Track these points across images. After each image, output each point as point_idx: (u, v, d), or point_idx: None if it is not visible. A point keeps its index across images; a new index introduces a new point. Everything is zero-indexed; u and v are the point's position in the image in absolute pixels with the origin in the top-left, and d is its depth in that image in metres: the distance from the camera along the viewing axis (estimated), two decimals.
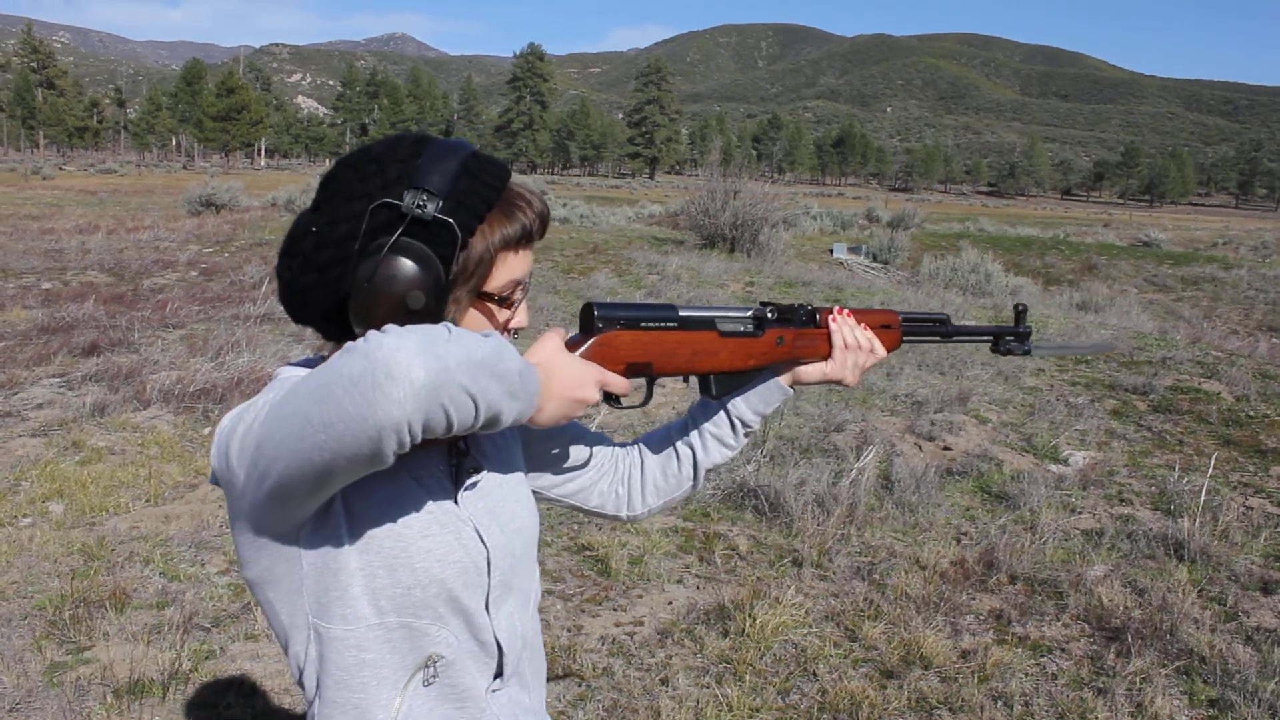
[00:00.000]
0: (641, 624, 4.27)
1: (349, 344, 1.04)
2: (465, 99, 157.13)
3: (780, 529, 5.36)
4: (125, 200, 32.51)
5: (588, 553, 4.95)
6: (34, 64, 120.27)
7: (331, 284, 1.23)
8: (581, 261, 17.00)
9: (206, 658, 3.80)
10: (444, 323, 1.09)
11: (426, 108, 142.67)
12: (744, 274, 16.20)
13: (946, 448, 6.86)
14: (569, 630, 4.17)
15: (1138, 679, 3.91)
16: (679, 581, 4.72)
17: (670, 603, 4.49)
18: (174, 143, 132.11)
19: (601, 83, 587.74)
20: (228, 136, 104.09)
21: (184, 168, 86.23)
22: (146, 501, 5.40)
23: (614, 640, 4.11)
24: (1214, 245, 41.02)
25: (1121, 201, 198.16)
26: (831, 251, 26.54)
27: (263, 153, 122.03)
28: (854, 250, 26.60)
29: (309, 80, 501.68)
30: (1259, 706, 3.66)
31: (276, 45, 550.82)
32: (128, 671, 3.61)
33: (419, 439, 1.03)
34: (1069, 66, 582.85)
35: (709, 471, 1.70)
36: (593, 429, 1.76)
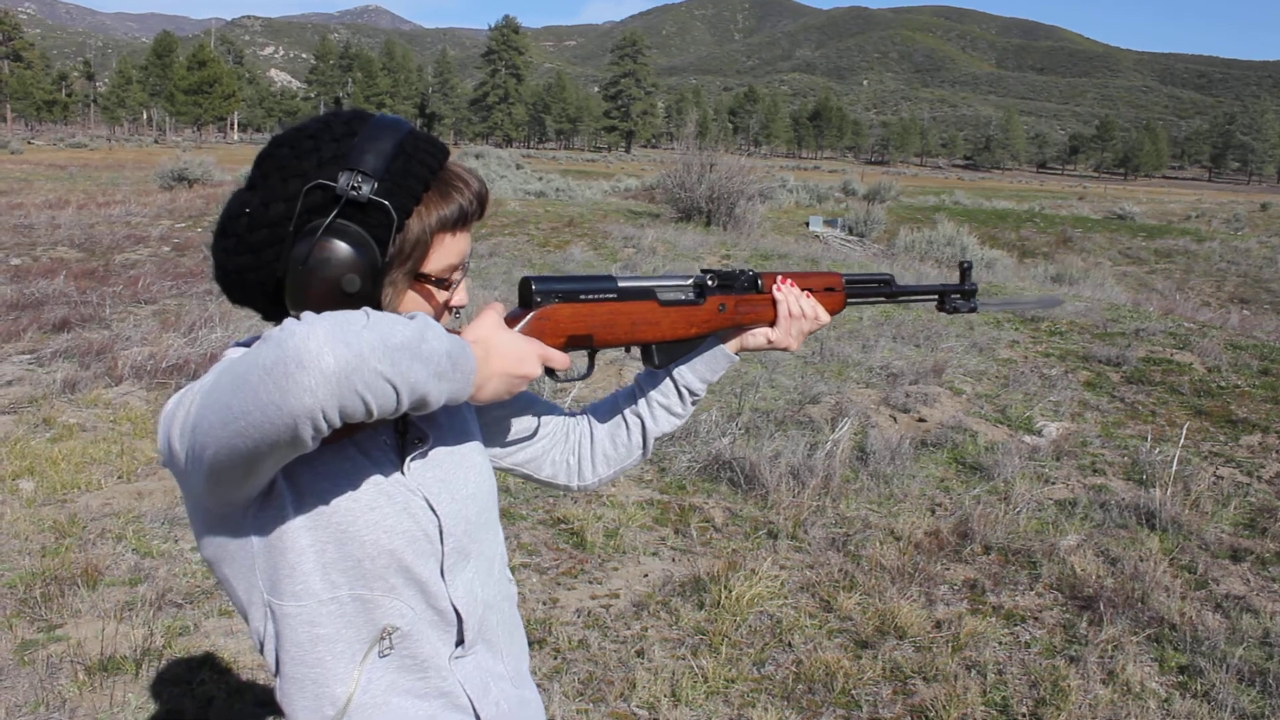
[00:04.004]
0: (617, 596, 4.28)
1: (266, 332, 1.04)
2: (440, 72, 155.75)
3: (756, 501, 5.37)
4: (96, 175, 32.12)
5: (563, 526, 4.94)
6: None
7: (266, 265, 1.22)
8: (557, 235, 16.93)
9: (179, 634, 3.78)
10: (364, 308, 1.08)
11: (401, 81, 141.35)
12: (720, 247, 16.18)
13: (921, 419, 6.88)
14: (544, 603, 4.17)
15: (1110, 647, 3.95)
16: (654, 554, 4.73)
17: (646, 575, 4.49)
18: (145, 116, 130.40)
19: (577, 56, 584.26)
20: (200, 110, 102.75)
21: (156, 142, 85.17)
22: (119, 478, 5.36)
23: (589, 613, 4.12)
24: (1187, 218, 41.31)
25: (1096, 175, 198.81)
26: (808, 224, 26.58)
27: (236, 126, 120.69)
28: (830, 223, 26.65)
29: (282, 53, 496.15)
30: (1227, 672, 3.71)
31: (248, 17, 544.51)
32: (99, 649, 3.59)
33: (337, 424, 1.03)
34: (1045, 39, 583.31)
35: (658, 439, 1.70)
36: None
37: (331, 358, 0.98)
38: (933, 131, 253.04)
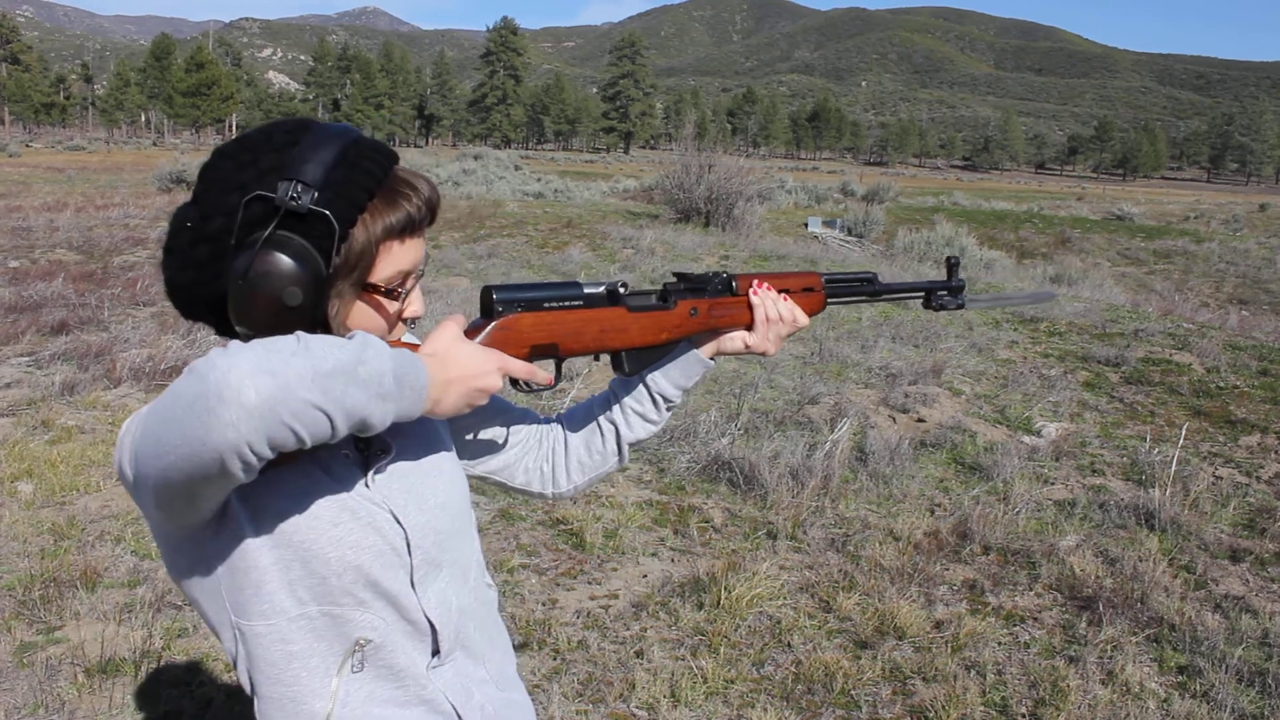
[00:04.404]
0: (616, 597, 4.27)
1: (192, 363, 1.02)
2: (438, 74, 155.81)
3: (755, 501, 5.37)
4: (94, 177, 32.09)
5: (562, 526, 4.94)
6: None
7: (210, 282, 1.19)
8: (556, 236, 16.93)
9: (178, 636, 3.78)
10: (297, 332, 1.06)
11: (399, 82, 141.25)
12: (719, 248, 16.18)
13: (920, 419, 6.88)
14: (544, 604, 4.17)
15: (1109, 647, 3.95)
16: (654, 554, 4.73)
17: (645, 576, 4.49)
18: (143, 119, 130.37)
19: (575, 57, 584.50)
20: (198, 112, 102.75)
21: (154, 144, 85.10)
22: (117, 481, 5.34)
23: (589, 613, 4.11)
24: (1186, 219, 41.34)
25: (1095, 175, 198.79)
26: (806, 225, 26.58)
27: (234, 129, 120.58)
28: (829, 224, 26.66)
29: (280, 55, 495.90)
30: (1226, 672, 3.71)
31: (246, 19, 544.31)
32: (99, 651, 3.58)
33: (269, 456, 1.01)
34: (1043, 40, 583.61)
35: (633, 445, 1.67)
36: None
37: (253, 391, 0.96)
38: (931, 132, 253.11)
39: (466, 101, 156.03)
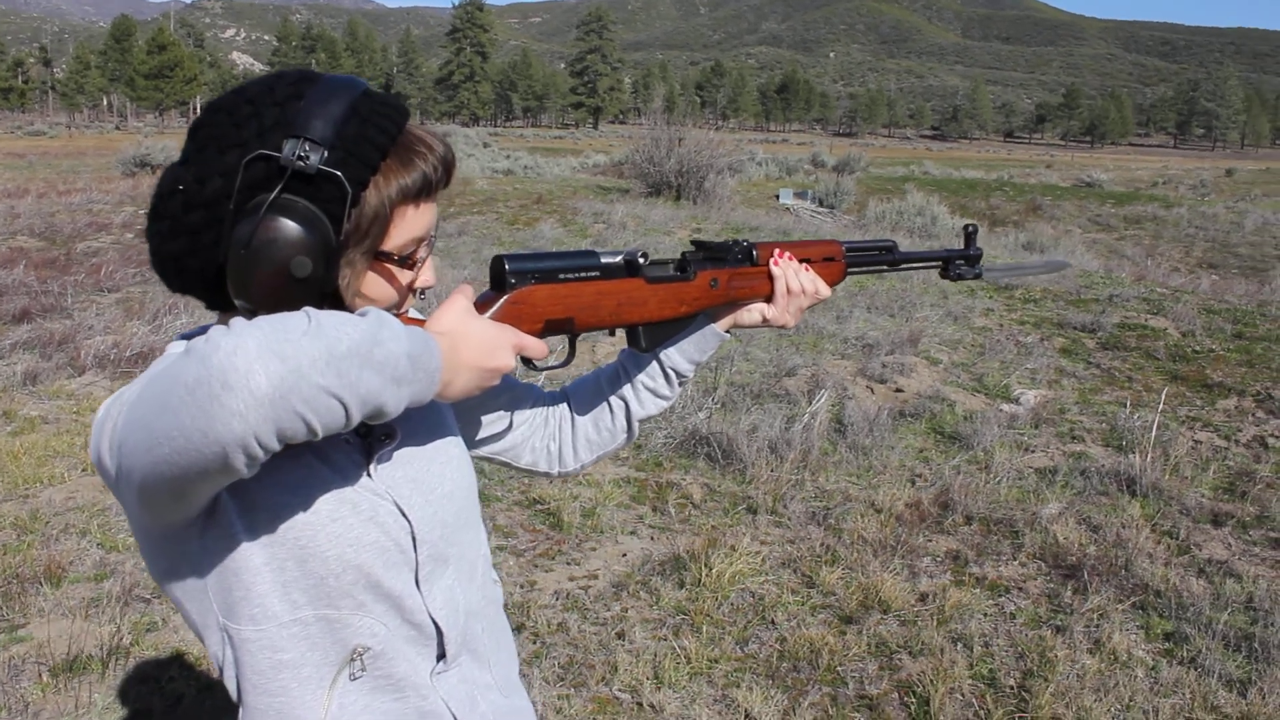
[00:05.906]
0: (596, 577, 4.20)
1: (191, 343, 0.91)
2: (404, 52, 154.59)
3: (734, 476, 5.30)
4: (55, 162, 31.64)
5: (539, 506, 4.86)
6: None
7: (205, 250, 1.07)
8: (526, 212, 16.80)
9: (148, 630, 3.68)
10: (306, 309, 0.94)
11: (365, 61, 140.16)
12: (691, 220, 16.09)
13: (898, 389, 6.84)
14: (522, 586, 4.10)
15: (1095, 615, 3.91)
16: (633, 533, 4.66)
17: (624, 555, 4.42)
18: (105, 103, 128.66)
19: (542, 33, 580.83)
20: (161, 95, 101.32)
21: (117, 128, 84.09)
22: (83, 471, 5.23)
23: (568, 595, 4.04)
24: (1154, 185, 41.65)
25: (1063, 143, 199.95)
26: (778, 197, 26.56)
27: (198, 111, 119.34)
28: (800, 195, 26.66)
29: (243, 35, 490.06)
30: (1213, 638, 3.69)
31: None
32: (65, 648, 3.48)
33: (276, 448, 0.90)
34: (1010, 9, 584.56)
35: (643, 421, 1.59)
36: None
37: (263, 376, 0.85)
38: (900, 102, 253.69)
39: (433, 79, 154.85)
